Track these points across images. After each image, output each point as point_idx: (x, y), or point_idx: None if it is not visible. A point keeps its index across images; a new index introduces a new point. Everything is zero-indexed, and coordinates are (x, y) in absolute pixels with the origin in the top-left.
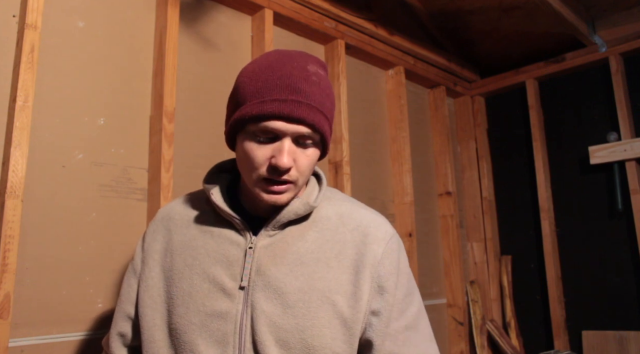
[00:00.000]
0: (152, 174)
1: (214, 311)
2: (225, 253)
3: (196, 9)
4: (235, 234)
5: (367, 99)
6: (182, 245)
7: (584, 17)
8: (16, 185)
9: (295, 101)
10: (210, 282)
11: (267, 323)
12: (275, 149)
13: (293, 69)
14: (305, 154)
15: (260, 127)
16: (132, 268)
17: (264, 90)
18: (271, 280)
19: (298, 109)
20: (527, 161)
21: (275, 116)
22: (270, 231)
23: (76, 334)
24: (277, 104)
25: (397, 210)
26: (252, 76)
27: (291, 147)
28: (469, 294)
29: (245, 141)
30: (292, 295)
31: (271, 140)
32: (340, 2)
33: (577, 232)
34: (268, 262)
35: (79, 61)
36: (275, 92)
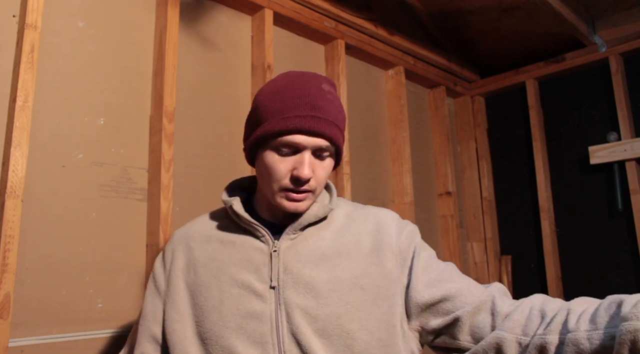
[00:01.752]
0: (152, 174)
1: (248, 312)
2: (250, 260)
3: (196, 9)
4: (257, 242)
5: (367, 99)
6: (205, 258)
7: (584, 17)
8: (16, 185)
9: (315, 117)
10: (240, 287)
11: (304, 316)
12: (297, 161)
13: (310, 89)
14: (322, 166)
15: (283, 142)
16: (156, 288)
17: (285, 108)
18: (300, 276)
19: (317, 124)
20: (527, 161)
21: (297, 131)
22: (291, 234)
23: (76, 334)
24: (299, 120)
25: (397, 210)
26: (272, 97)
27: (311, 159)
28: None
29: (267, 155)
30: (322, 287)
31: (292, 153)
32: (340, 2)
33: (577, 232)
34: (294, 261)
35: (79, 61)
36: (297, 110)
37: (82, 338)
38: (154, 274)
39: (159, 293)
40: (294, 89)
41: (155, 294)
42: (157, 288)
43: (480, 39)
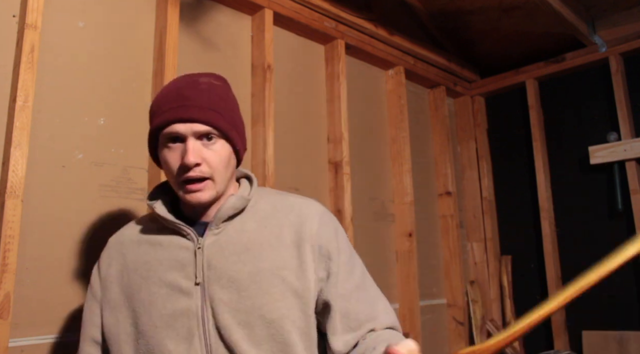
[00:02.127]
0: (152, 174)
1: (175, 310)
2: (176, 258)
3: (196, 8)
4: (183, 240)
5: (367, 99)
6: (136, 262)
7: (584, 17)
8: (16, 185)
9: (183, 106)
10: (167, 286)
11: (227, 309)
12: (182, 150)
13: (182, 83)
14: (213, 149)
15: (165, 135)
16: (92, 295)
17: (160, 105)
18: (223, 271)
19: (187, 111)
20: (527, 161)
21: (171, 121)
22: (215, 229)
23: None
24: (170, 112)
25: (397, 210)
26: (156, 98)
27: (195, 145)
28: (469, 294)
29: (161, 153)
30: (244, 279)
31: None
32: (340, 2)
33: (577, 232)
34: (217, 256)
35: (79, 61)
36: (169, 103)
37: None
38: (90, 282)
39: (95, 299)
40: (169, 86)
41: (92, 300)
42: (93, 294)
43: (480, 39)
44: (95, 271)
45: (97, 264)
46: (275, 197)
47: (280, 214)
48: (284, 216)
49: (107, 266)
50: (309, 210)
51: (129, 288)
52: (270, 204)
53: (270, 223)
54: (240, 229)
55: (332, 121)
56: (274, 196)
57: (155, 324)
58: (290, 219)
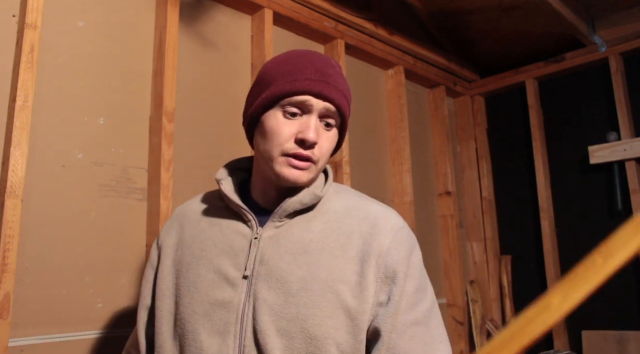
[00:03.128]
0: (152, 174)
1: (217, 300)
2: (231, 244)
3: (196, 8)
4: (242, 226)
5: (367, 99)
6: (193, 238)
7: (584, 17)
8: (16, 185)
9: (325, 82)
10: (215, 272)
11: (269, 312)
12: (303, 124)
13: (320, 58)
14: (327, 136)
15: (292, 101)
16: (150, 264)
17: (295, 71)
18: (274, 269)
19: (327, 89)
20: (527, 161)
21: (307, 92)
22: (277, 222)
23: (76, 334)
24: (309, 83)
25: (397, 210)
26: (279, 64)
27: (317, 125)
28: (469, 294)
29: (272, 117)
30: (294, 284)
31: (299, 116)
32: (340, 2)
33: (577, 232)
34: (272, 252)
35: (79, 61)
36: (307, 73)
37: (82, 338)
38: (151, 251)
39: (152, 267)
40: (302, 58)
41: (150, 269)
42: (151, 262)
43: (480, 39)
44: (155, 241)
45: (158, 236)
46: (352, 200)
47: (353, 221)
48: (356, 223)
49: (167, 236)
50: (386, 223)
51: (180, 264)
52: (345, 206)
53: (339, 228)
54: (305, 227)
55: None
56: (351, 197)
57: (194, 310)
58: (361, 229)
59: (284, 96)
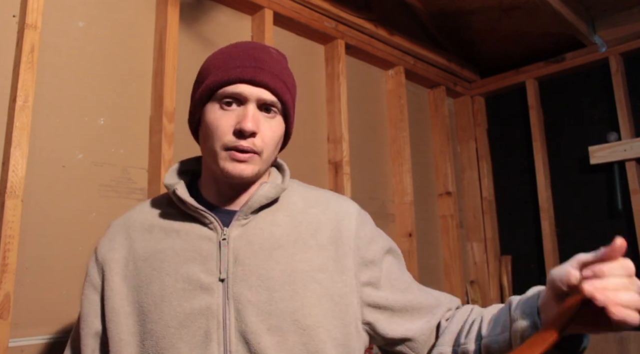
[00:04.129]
0: (152, 174)
1: (193, 309)
2: (196, 250)
3: (196, 8)
4: (204, 229)
5: (367, 99)
6: (146, 250)
7: (584, 17)
8: (16, 185)
9: (257, 68)
10: (184, 281)
11: (256, 312)
12: (240, 114)
13: (254, 46)
14: (270, 124)
15: (225, 93)
16: (90, 284)
17: (227, 60)
18: (252, 268)
19: (260, 74)
20: (527, 161)
21: (239, 80)
22: (242, 219)
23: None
24: (240, 70)
25: (397, 210)
26: (216, 57)
27: (255, 113)
28: (469, 294)
29: (210, 111)
30: (276, 279)
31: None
32: (340, 2)
33: (577, 232)
34: (245, 250)
35: (79, 61)
36: (239, 61)
37: None
38: (87, 271)
39: (94, 289)
40: (238, 47)
41: (91, 289)
42: (93, 284)
43: (480, 39)
44: (92, 258)
45: (94, 251)
46: (308, 192)
47: (315, 210)
48: (320, 212)
49: (109, 251)
50: (347, 208)
51: (136, 279)
52: (303, 198)
53: (305, 219)
54: (271, 222)
55: (332, 121)
56: (305, 189)
57: (167, 324)
58: (327, 216)
59: (217, 86)
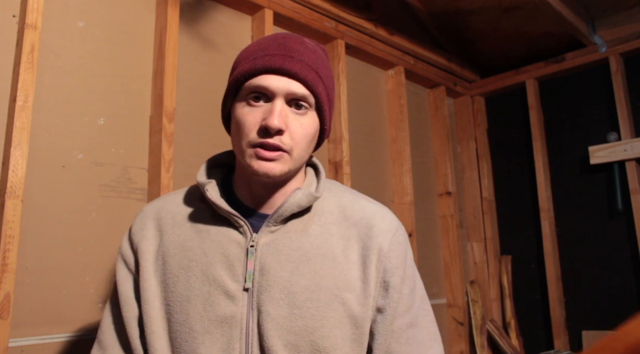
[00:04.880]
0: (152, 174)
1: (218, 316)
2: (224, 253)
3: (196, 8)
4: (234, 232)
5: (367, 99)
6: (176, 246)
7: (584, 17)
8: (16, 185)
9: (287, 56)
10: (210, 284)
11: (275, 326)
12: (267, 110)
13: (288, 35)
14: (300, 121)
15: (251, 86)
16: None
17: (257, 51)
18: (276, 280)
19: (289, 63)
20: (527, 161)
21: (265, 70)
22: (272, 226)
23: (76, 334)
24: (267, 58)
25: (397, 210)
26: (248, 47)
27: (284, 109)
28: (469, 294)
29: (237, 108)
30: (299, 295)
31: (264, 103)
32: (340, 2)
33: (577, 232)
34: (272, 260)
35: (79, 61)
36: (268, 50)
37: (82, 338)
38: (122, 255)
39: (130, 273)
40: (270, 38)
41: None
42: (129, 269)
43: (480, 39)
44: (126, 243)
45: (128, 235)
46: (345, 198)
47: (349, 223)
48: (353, 225)
49: (142, 239)
50: (383, 223)
51: (164, 275)
52: (339, 206)
53: (338, 232)
54: (302, 232)
55: (332, 121)
56: (342, 195)
57: (192, 328)
58: (359, 231)
59: (244, 78)
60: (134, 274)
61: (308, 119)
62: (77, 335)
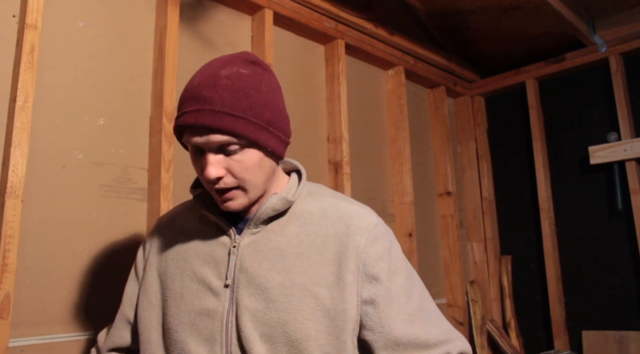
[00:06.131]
0: (152, 174)
1: (202, 309)
2: (212, 254)
3: (196, 8)
4: (222, 236)
5: (367, 99)
6: (176, 249)
7: (584, 17)
8: (16, 185)
9: (198, 111)
10: (198, 282)
11: (251, 319)
12: (203, 162)
13: (202, 78)
14: (236, 160)
15: (188, 143)
16: (135, 274)
17: (180, 104)
18: (254, 276)
19: (202, 117)
20: (527, 161)
21: (186, 128)
22: (253, 228)
23: (76, 334)
24: (185, 118)
25: (397, 210)
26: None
27: (215, 158)
28: (469, 294)
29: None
30: (274, 290)
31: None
32: (340, 2)
33: (577, 232)
34: (250, 259)
35: (79, 61)
36: (184, 106)
37: (82, 338)
38: (136, 259)
39: (137, 279)
40: (191, 80)
41: (134, 279)
42: (136, 273)
43: (480, 39)
44: (141, 250)
45: (143, 243)
46: (327, 201)
47: (327, 222)
48: (331, 224)
49: (151, 247)
50: (360, 222)
51: (165, 275)
52: (319, 207)
53: (315, 231)
54: (281, 232)
55: (332, 121)
56: (325, 198)
57: (181, 320)
58: (336, 230)
59: (177, 134)
60: (139, 278)
61: (244, 156)
62: (77, 335)
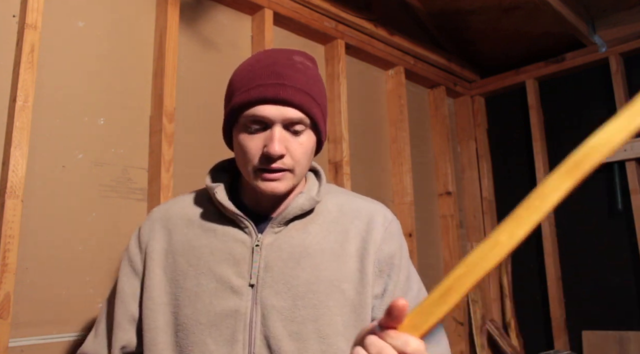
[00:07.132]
0: (152, 174)
1: (223, 309)
2: (230, 252)
3: (196, 8)
4: (240, 233)
5: (367, 99)
6: (184, 245)
7: (584, 17)
8: (16, 185)
9: (279, 84)
10: (217, 281)
11: (279, 317)
12: (267, 137)
13: (277, 59)
14: (299, 142)
15: (248, 116)
16: (132, 269)
17: (249, 79)
18: (279, 275)
19: (283, 91)
20: (527, 161)
21: (260, 101)
22: (276, 227)
23: (76, 334)
24: (261, 89)
25: (397, 210)
26: (241, 72)
27: (282, 134)
28: (469, 294)
29: (238, 134)
30: (300, 287)
31: (262, 130)
32: (340, 2)
33: (577, 232)
34: (275, 258)
35: (79, 61)
36: (260, 79)
37: (82, 338)
38: (129, 254)
39: (136, 274)
40: (260, 61)
41: (132, 275)
42: (134, 268)
43: (480, 39)
44: (135, 243)
45: (137, 235)
46: (342, 198)
47: (346, 219)
48: (350, 221)
49: (151, 240)
50: (377, 217)
51: (174, 272)
52: (337, 206)
53: (336, 229)
54: (303, 231)
55: (332, 121)
56: (339, 195)
57: (199, 320)
58: (356, 226)
59: (241, 108)
60: (139, 274)
61: (305, 138)
62: (77, 335)
